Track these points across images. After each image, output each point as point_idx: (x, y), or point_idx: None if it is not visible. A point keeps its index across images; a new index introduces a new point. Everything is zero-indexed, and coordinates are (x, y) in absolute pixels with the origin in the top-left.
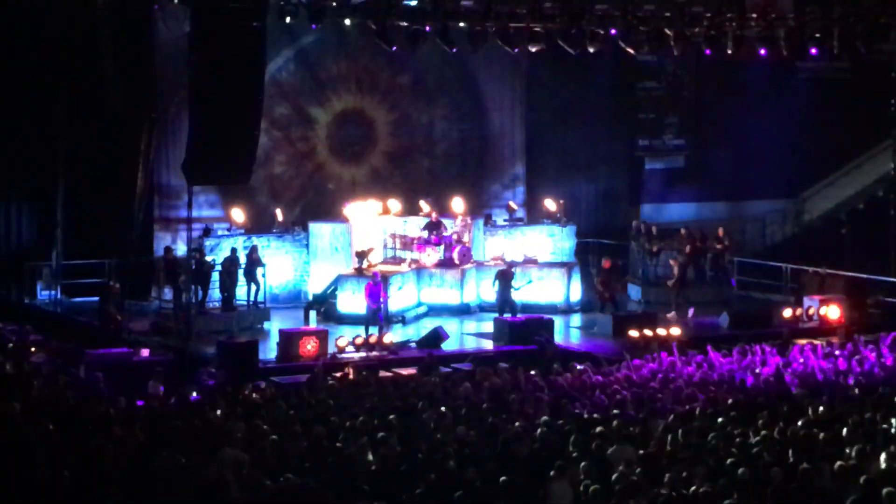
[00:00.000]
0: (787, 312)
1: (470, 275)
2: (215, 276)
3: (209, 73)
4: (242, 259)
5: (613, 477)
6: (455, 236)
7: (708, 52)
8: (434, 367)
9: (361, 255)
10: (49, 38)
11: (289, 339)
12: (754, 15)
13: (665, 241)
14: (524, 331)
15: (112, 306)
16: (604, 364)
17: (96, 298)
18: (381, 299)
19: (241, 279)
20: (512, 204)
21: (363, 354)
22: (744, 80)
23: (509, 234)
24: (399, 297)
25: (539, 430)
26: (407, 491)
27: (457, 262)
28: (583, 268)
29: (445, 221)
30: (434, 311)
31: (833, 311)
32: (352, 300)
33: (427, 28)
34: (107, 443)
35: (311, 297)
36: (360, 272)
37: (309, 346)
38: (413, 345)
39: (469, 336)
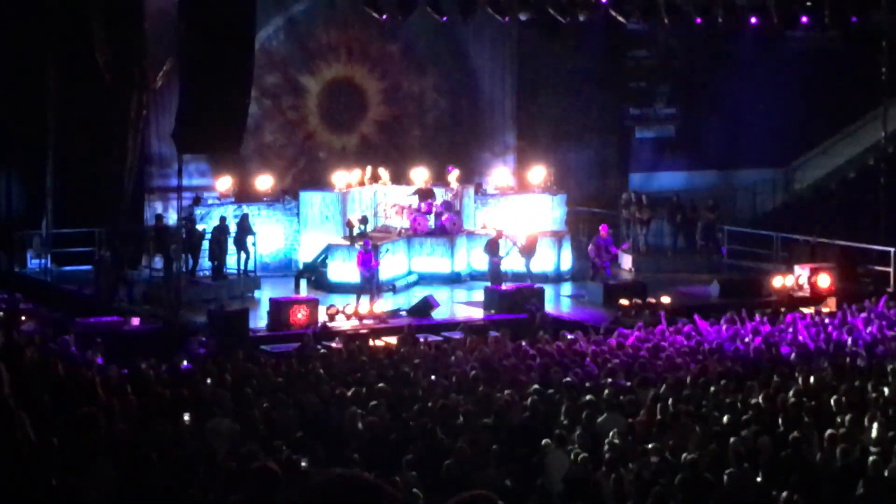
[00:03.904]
0: (778, 281)
1: (460, 243)
2: (205, 244)
3: (199, 42)
4: (233, 228)
5: (604, 445)
6: (445, 205)
7: (699, 20)
8: (414, 336)
9: (352, 225)
10: (39, 5)
11: (279, 308)
12: None
13: (655, 210)
14: (514, 299)
15: (106, 277)
16: (594, 333)
17: (87, 267)
18: (373, 266)
19: (232, 248)
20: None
21: (354, 323)
22: (735, 50)
23: (500, 203)
24: (390, 266)
25: (530, 399)
26: (397, 460)
27: (448, 230)
28: (573, 236)
29: (436, 190)
30: (424, 279)
31: (824, 280)
32: (342, 269)
33: None
34: (97, 411)
35: (301, 266)
36: (350, 240)
37: (299, 314)
38: (404, 313)
39: (459, 304)
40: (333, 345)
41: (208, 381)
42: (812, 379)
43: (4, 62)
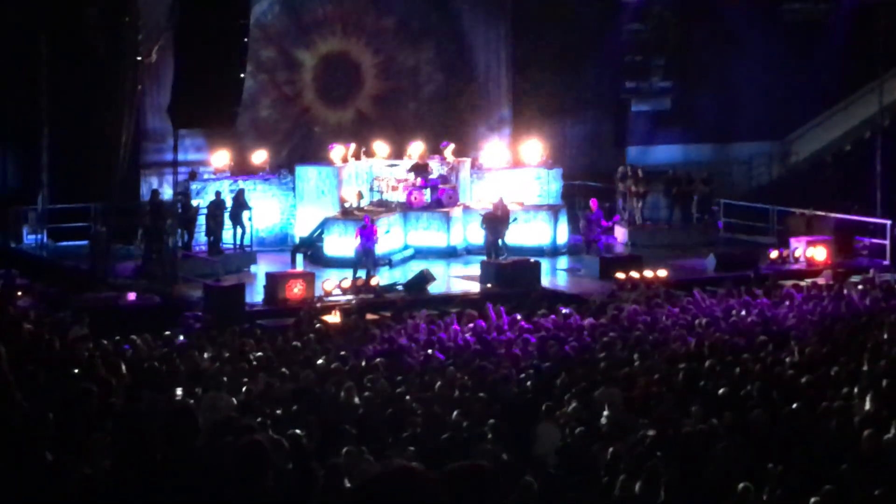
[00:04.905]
0: (774, 254)
1: (457, 217)
2: (201, 219)
3: (194, 17)
4: (228, 202)
5: (600, 419)
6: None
7: None
8: (409, 309)
9: (345, 201)
10: None
11: (275, 283)
12: None
13: (651, 184)
14: (511, 273)
15: (102, 252)
16: (590, 306)
17: (82, 242)
18: (374, 239)
19: (228, 223)
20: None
21: (350, 297)
22: (730, 22)
23: (495, 177)
24: (386, 240)
25: (526, 373)
26: (394, 434)
27: (444, 204)
28: (569, 210)
29: (432, 164)
30: (421, 253)
31: (819, 253)
32: (339, 243)
33: None
34: (92, 386)
35: (297, 241)
36: (346, 215)
37: (295, 289)
38: (400, 287)
39: (456, 279)
40: (330, 319)
41: (204, 355)
42: (807, 352)
43: None
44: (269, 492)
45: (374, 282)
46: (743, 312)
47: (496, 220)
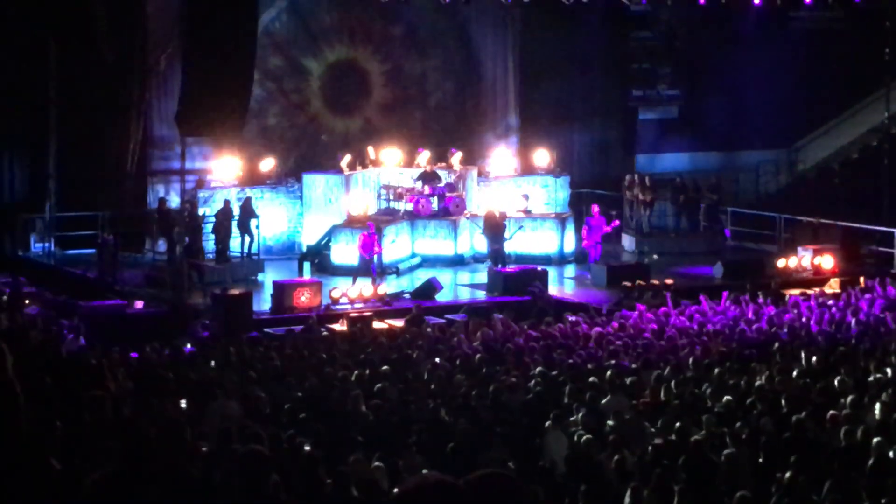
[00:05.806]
0: (781, 262)
1: (464, 225)
2: (209, 227)
3: (202, 24)
4: (236, 211)
5: (607, 427)
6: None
7: (701, 1)
8: (422, 318)
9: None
10: None
11: (283, 291)
12: None
13: (658, 192)
14: (518, 281)
15: (109, 260)
16: (597, 315)
17: (90, 250)
18: (376, 251)
19: (235, 231)
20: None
21: (358, 306)
22: (738, 30)
23: (503, 185)
24: (393, 249)
25: (533, 381)
26: (401, 442)
27: (451, 212)
28: (577, 219)
29: (440, 172)
30: (428, 261)
31: (826, 261)
32: (346, 251)
33: None
34: (101, 394)
35: (304, 249)
36: (353, 223)
37: (303, 297)
38: (407, 296)
39: (463, 287)
40: (337, 327)
41: (212, 363)
42: (815, 360)
43: (6, 45)
44: (273, 500)
45: (380, 290)
46: (751, 319)
47: (496, 228)
